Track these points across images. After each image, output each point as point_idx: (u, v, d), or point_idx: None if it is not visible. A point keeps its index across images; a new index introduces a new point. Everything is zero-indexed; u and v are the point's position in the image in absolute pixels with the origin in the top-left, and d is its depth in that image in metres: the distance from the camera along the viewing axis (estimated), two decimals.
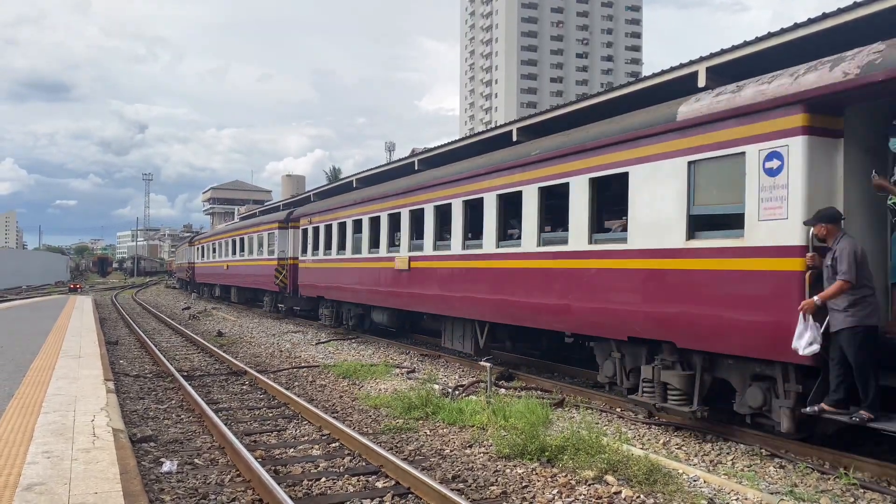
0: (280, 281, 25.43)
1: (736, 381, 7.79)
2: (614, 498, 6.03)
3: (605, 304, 9.36)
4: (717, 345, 7.73)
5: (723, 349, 7.70)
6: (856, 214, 7.03)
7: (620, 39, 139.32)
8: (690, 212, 8.10)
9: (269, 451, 7.68)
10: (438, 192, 14.24)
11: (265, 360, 15.32)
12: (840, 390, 6.52)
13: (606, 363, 9.65)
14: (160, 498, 6.04)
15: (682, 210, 8.16)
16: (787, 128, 7.05)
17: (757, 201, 7.28)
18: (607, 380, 9.72)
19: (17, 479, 5.36)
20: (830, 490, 6.29)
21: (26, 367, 11.31)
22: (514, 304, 11.43)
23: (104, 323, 24.20)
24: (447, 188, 13.92)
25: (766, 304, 7.13)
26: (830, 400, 6.59)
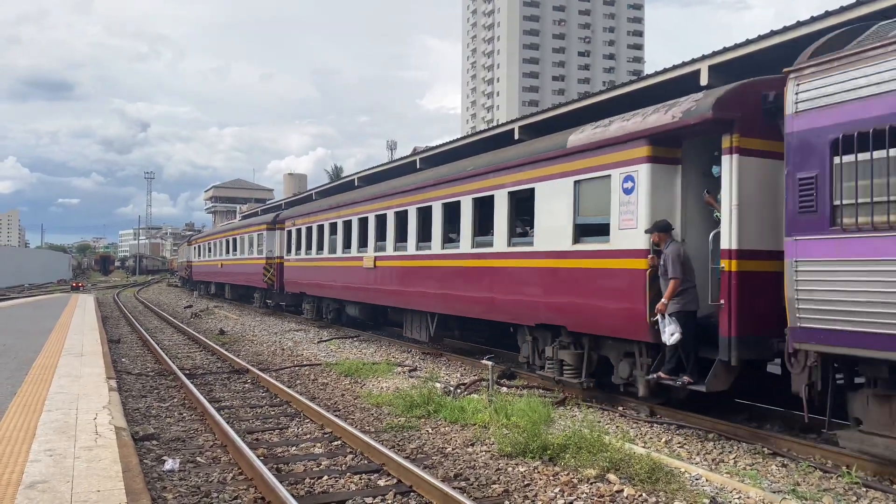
0: (268, 279, 27.11)
1: (613, 358, 9.62)
2: (616, 496, 6.03)
3: (519, 296, 11.30)
4: (596, 328, 9.69)
5: (599, 331, 9.66)
6: (693, 224, 8.89)
7: (622, 38, 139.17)
8: (576, 221, 10.06)
9: (272, 450, 7.69)
10: (397, 199, 16.15)
11: (267, 359, 15.33)
12: (672, 361, 8.33)
13: (524, 346, 11.53)
14: (162, 496, 6.05)
15: (570, 219, 10.11)
16: (637, 157, 8.92)
17: (618, 214, 9.18)
18: (525, 360, 11.51)
19: (19, 477, 5.37)
20: (833, 489, 6.29)
21: (29, 366, 11.33)
22: (455, 298, 13.33)
23: (106, 321, 24.22)
24: (404, 196, 15.82)
25: (624, 294, 8.97)
26: (665, 369, 8.37)
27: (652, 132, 8.75)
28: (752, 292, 7.83)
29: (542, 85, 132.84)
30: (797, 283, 6.74)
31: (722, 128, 8.06)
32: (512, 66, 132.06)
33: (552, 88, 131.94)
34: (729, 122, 8.00)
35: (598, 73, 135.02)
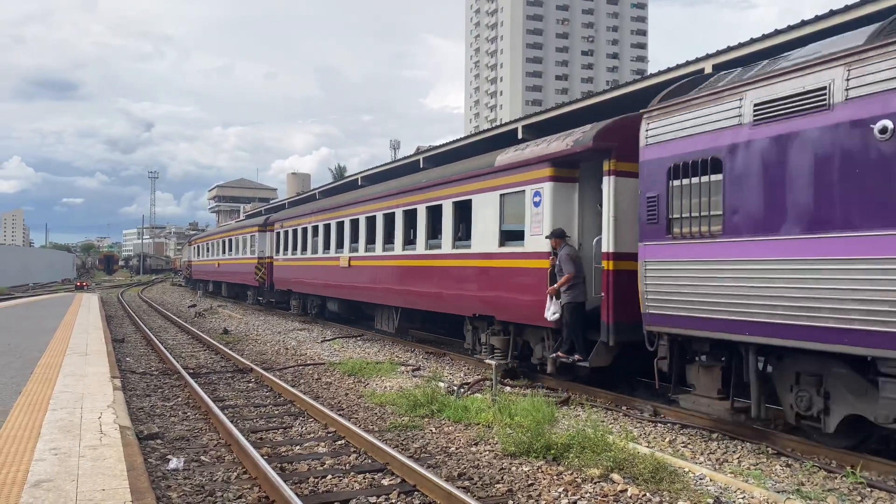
0: (259, 277, 29.17)
1: (532, 342, 11.51)
2: (620, 496, 6.02)
3: (461, 291, 13.18)
4: (517, 317, 11.54)
5: (519, 320, 11.53)
6: (589, 231, 10.63)
7: (626, 37, 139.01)
8: (501, 227, 12.01)
9: (276, 449, 7.70)
10: (368, 206, 18.01)
11: (271, 358, 15.35)
12: (567, 343, 10.28)
13: (467, 334, 13.52)
14: (167, 495, 6.06)
15: (497, 226, 12.06)
16: (543, 176, 10.87)
17: (530, 222, 11.13)
18: (468, 346, 13.47)
19: (25, 476, 5.39)
20: (837, 489, 6.27)
21: (34, 365, 11.36)
22: (413, 293, 15.23)
23: (110, 320, 24.28)
24: (373, 204, 17.68)
25: (534, 288, 10.85)
26: (562, 350, 10.33)
27: (553, 156, 10.72)
28: (624, 287, 9.37)
29: (546, 84, 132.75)
30: (646, 278, 8.55)
31: (602, 154, 9.89)
32: (515, 65, 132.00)
33: (555, 88, 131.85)
34: (607, 150, 9.80)
35: (601, 73, 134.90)
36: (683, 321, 8.09)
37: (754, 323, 7.24)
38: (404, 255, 15.79)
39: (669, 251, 8.29)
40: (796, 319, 6.80)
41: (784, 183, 6.99)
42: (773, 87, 7.16)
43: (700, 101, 7.98)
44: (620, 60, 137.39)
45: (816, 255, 6.67)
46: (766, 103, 7.19)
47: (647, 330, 8.63)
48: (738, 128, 7.48)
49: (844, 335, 6.37)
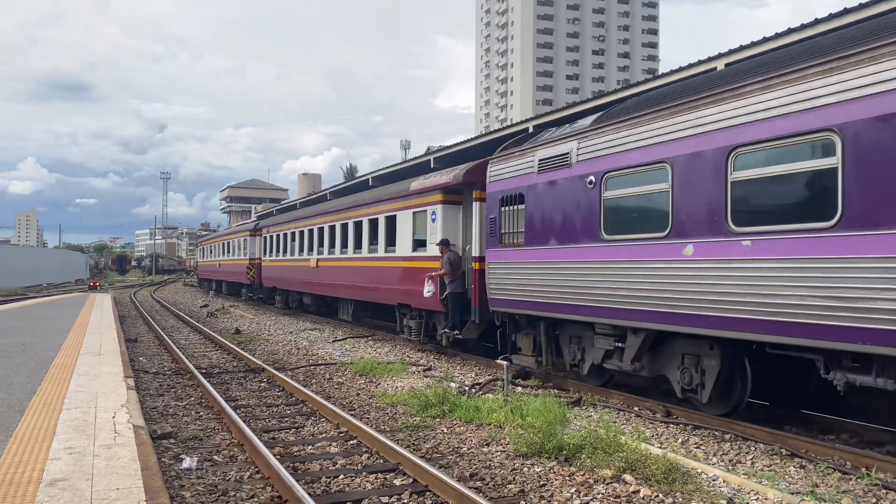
0: (251, 276, 33.28)
1: (437, 323, 15.14)
2: (633, 497, 6.00)
3: (391, 286, 17.04)
4: (424, 305, 14.98)
5: (426, 307, 15.04)
6: (469, 241, 14.18)
7: (637, 36, 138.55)
8: (414, 237, 15.86)
9: (288, 449, 7.72)
10: (330, 217, 22.32)
11: (283, 358, 15.41)
12: (451, 322, 13.99)
13: (397, 320, 17.18)
14: (180, 494, 6.10)
15: (411, 236, 15.96)
16: (436, 200, 14.71)
17: (430, 234, 14.92)
18: (398, 329, 17.09)
19: (40, 475, 5.44)
20: (852, 490, 6.22)
21: (48, 364, 11.46)
22: (360, 288, 19.42)
23: (123, 320, 24.44)
24: (332, 215, 22.10)
25: (432, 282, 14.20)
26: (448, 326, 14.13)
27: (442, 186, 14.58)
28: (484, 280, 12.87)
29: (556, 84, 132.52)
30: (488, 275, 12.57)
31: (470, 187, 13.92)
32: (526, 64, 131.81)
33: (566, 87, 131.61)
34: (473, 183, 13.71)
35: (612, 72, 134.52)
36: (511, 304, 11.98)
37: (544, 303, 10.97)
38: (353, 258, 19.91)
39: (501, 255, 12.21)
40: (562, 300, 10.55)
41: (552, 212, 10.79)
42: (546, 150, 11.00)
43: (515, 155, 11.97)
44: (631, 59, 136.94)
45: (566, 259, 10.46)
46: (543, 160, 11.00)
47: (492, 310, 12.66)
48: (532, 174, 11.29)
49: (577, 309, 10.28)
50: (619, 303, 9.31)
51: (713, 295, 7.90)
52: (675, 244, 8.45)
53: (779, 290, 7.15)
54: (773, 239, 7.25)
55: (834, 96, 6.67)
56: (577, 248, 10.14)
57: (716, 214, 7.87)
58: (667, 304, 8.56)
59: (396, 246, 16.79)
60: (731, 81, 8.07)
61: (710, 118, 7.99)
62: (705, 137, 8.02)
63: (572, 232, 10.21)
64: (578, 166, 10.06)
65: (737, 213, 7.67)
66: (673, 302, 8.47)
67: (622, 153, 9.30)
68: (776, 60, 7.87)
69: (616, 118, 9.77)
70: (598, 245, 9.71)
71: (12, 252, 71.83)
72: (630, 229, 9.25)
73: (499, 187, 12.20)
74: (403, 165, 23.75)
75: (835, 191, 6.66)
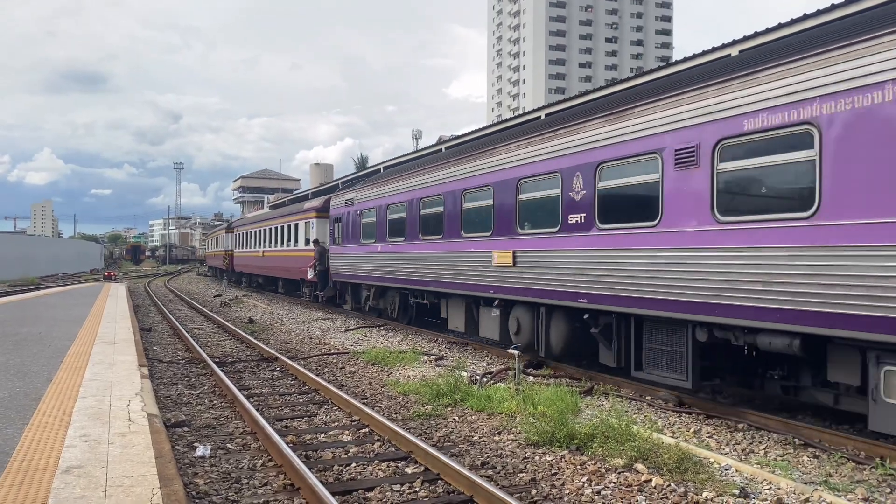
0: (226, 263, 46.28)
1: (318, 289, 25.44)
2: (644, 486, 5.99)
3: (299, 266, 27.09)
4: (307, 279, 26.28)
5: (309, 280, 26.09)
6: (331, 240, 23.89)
7: (651, 24, 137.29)
8: (306, 237, 26.83)
9: (301, 437, 7.77)
10: (267, 223, 34.86)
11: (295, 347, 15.48)
12: (321, 288, 24.71)
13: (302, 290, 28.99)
14: (194, 482, 6.15)
15: (304, 236, 27.04)
16: (313, 216, 26.49)
17: (305, 235, 27.12)
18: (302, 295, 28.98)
19: (56, 462, 5.50)
20: (866, 480, 6.19)
21: (63, 353, 11.57)
22: (282, 269, 30.93)
23: (138, 310, 24.64)
24: (269, 221, 34.54)
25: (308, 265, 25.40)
26: (320, 291, 24.90)
27: (316, 208, 26.42)
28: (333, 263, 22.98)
29: (569, 72, 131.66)
30: (331, 260, 23.39)
31: (326, 210, 24.45)
32: (538, 52, 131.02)
33: (579, 75, 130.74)
34: (326, 209, 24.42)
35: (625, 60, 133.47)
36: (346, 277, 21.56)
37: (359, 275, 20.17)
38: (279, 250, 31.88)
39: (336, 249, 22.53)
40: (363, 273, 19.89)
41: (354, 227, 20.75)
42: (346, 195, 21.96)
43: (338, 195, 22.95)
44: (645, 47, 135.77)
45: (363, 252, 19.60)
46: (347, 199, 21.54)
47: (333, 281, 23.04)
48: (342, 206, 21.88)
49: (367, 278, 19.63)
50: (380, 274, 18.62)
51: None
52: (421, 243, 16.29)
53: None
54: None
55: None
56: (367, 244, 19.60)
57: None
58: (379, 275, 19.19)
59: (299, 242, 28.28)
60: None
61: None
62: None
63: (362, 236, 20.11)
64: (357, 204, 20.64)
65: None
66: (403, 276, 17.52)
67: (373, 199, 19.32)
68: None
69: (372, 181, 20.57)
70: (373, 244, 19.14)
71: (29, 242, 72.51)
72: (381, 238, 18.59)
73: (333, 212, 23.34)
74: (415, 155, 23.74)
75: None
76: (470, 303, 14.30)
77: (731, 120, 7.80)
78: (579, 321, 10.76)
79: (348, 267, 21.06)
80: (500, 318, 12.97)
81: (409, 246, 16.47)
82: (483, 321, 13.76)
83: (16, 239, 69.87)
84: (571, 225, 10.53)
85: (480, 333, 14.06)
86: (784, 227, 7.26)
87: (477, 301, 13.90)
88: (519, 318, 12.32)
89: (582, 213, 10.32)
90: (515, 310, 12.47)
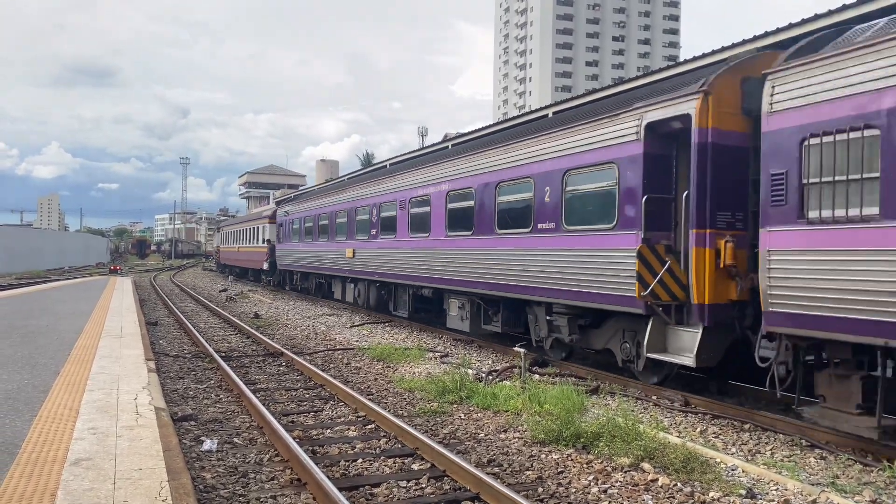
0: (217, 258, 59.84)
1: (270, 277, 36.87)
2: (651, 485, 5.99)
3: (258, 258, 37.99)
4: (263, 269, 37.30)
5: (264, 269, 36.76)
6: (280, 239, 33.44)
7: (658, 23, 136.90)
8: (263, 237, 37.10)
9: (307, 432, 7.79)
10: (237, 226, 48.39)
11: (301, 342, 15.51)
12: (275, 277, 35.08)
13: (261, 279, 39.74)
14: (201, 475, 6.17)
15: (262, 237, 37.42)
16: (266, 223, 36.80)
17: (263, 235, 37.33)
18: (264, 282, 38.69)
19: (65, 454, 5.52)
20: (873, 482, 6.17)
21: (71, 346, 11.61)
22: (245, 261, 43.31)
23: (144, 304, 24.71)
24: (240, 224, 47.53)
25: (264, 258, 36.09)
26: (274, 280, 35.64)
27: (268, 216, 36.97)
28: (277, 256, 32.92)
29: (576, 70, 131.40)
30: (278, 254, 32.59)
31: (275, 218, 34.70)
32: (545, 50, 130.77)
33: (585, 74, 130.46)
34: (275, 217, 34.82)
35: (632, 59, 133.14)
36: (285, 266, 31.32)
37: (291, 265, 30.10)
38: (247, 246, 41.88)
39: (280, 245, 31.94)
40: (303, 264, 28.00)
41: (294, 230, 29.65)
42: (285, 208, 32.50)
43: (283, 205, 33.36)
44: (652, 46, 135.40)
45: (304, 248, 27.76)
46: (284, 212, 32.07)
47: (281, 269, 32.41)
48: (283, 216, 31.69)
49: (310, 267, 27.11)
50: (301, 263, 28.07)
51: None
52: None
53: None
54: None
55: None
56: (294, 243, 28.85)
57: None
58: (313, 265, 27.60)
59: (256, 241, 38.77)
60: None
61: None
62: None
63: (292, 238, 29.10)
64: (290, 216, 30.14)
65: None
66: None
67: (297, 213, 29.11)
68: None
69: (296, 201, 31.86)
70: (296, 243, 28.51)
71: (36, 235, 72.81)
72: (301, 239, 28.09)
73: (277, 220, 32.39)
74: (421, 153, 23.74)
75: None
76: (341, 279, 23.73)
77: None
78: (385, 289, 19.92)
79: (285, 259, 30.89)
80: (354, 287, 22.42)
81: (314, 244, 26.00)
82: (347, 291, 23.09)
83: (23, 232, 70.17)
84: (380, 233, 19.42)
85: (340, 298, 24.27)
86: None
87: (343, 279, 23.38)
88: (360, 289, 21.78)
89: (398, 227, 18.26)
90: (359, 284, 21.88)
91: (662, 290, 9.06)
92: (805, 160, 7.02)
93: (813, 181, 6.95)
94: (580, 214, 10.75)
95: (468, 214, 13.98)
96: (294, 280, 30.70)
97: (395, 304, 18.98)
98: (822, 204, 6.85)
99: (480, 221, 13.48)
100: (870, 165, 6.44)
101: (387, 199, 18.54)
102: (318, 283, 26.94)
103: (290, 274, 31.26)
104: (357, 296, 21.90)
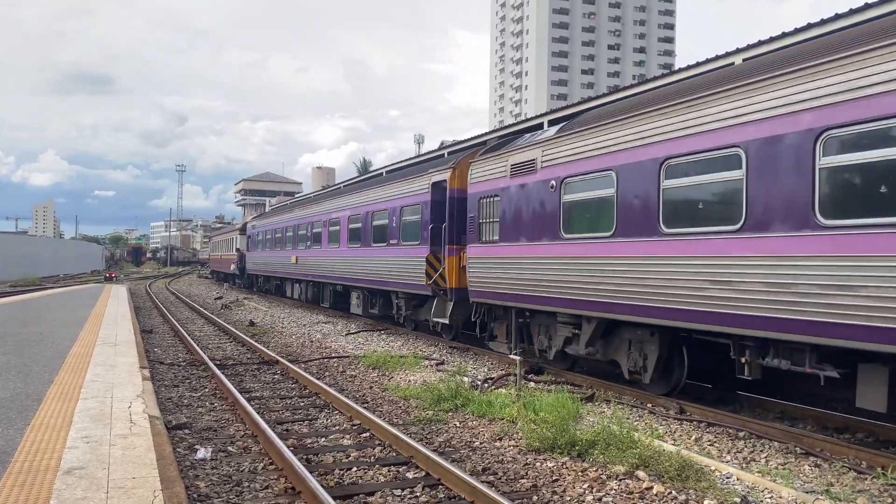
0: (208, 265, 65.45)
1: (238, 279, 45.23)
2: (646, 493, 5.99)
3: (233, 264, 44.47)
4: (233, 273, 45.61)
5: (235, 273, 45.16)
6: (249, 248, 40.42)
7: (653, 31, 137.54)
8: (235, 246, 43.70)
9: (301, 440, 7.77)
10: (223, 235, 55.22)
11: (296, 350, 15.48)
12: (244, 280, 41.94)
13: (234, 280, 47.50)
14: (195, 484, 6.15)
15: (235, 246, 44.07)
16: (237, 234, 44.20)
17: (237, 245, 43.28)
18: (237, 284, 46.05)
19: (57, 463, 5.50)
20: (868, 490, 6.18)
21: (65, 354, 11.58)
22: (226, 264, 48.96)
23: (139, 311, 24.64)
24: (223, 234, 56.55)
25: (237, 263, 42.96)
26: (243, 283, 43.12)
27: (239, 228, 45.13)
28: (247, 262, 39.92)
29: (571, 78, 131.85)
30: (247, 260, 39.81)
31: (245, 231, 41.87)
32: (541, 58, 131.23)
33: (581, 82, 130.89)
34: (245, 227, 42.57)
35: (628, 67, 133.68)
36: (253, 270, 37.77)
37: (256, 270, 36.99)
38: (224, 255, 49.62)
39: (250, 254, 38.49)
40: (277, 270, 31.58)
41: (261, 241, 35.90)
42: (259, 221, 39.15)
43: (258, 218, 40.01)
44: (647, 54, 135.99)
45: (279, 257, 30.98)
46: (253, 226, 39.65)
47: (249, 274, 39.64)
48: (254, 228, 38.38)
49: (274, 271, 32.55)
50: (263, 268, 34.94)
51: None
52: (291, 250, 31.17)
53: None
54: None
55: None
56: (259, 251, 35.77)
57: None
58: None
59: (233, 249, 43.61)
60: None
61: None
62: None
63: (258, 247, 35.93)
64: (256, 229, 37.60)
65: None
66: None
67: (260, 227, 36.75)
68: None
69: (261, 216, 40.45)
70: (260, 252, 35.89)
71: (31, 242, 72.63)
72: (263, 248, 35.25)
73: (247, 232, 39.67)
74: (417, 160, 23.80)
75: None
76: (290, 280, 29.81)
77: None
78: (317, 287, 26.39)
79: (252, 265, 37.78)
80: (298, 286, 28.74)
81: (271, 253, 32.24)
82: (294, 290, 29.41)
83: (18, 239, 69.99)
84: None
85: (290, 296, 30.46)
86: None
87: (291, 281, 29.58)
88: (302, 288, 28.05)
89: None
90: (301, 284, 28.23)
91: (440, 280, 15.05)
92: (480, 210, 13.20)
93: (482, 221, 13.14)
94: (409, 234, 16.84)
95: (359, 232, 20.27)
96: (259, 282, 37.65)
97: (322, 299, 25.33)
98: (483, 233, 13.11)
99: (365, 236, 19.70)
100: (496, 215, 12.70)
101: (315, 219, 25.20)
102: (276, 284, 33.91)
103: (257, 277, 38.08)
104: (300, 293, 28.46)
